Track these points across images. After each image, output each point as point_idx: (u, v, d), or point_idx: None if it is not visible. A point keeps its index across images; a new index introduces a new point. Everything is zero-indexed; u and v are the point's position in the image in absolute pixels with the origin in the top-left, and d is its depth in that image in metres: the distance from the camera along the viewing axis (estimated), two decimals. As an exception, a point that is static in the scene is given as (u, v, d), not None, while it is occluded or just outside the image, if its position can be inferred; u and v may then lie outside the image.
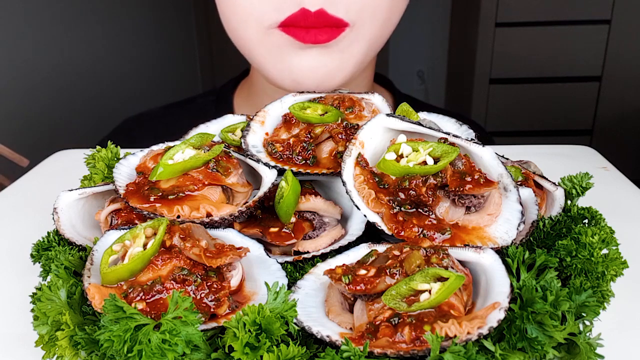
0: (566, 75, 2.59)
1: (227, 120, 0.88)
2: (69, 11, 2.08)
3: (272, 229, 0.69)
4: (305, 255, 0.68)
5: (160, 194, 0.67)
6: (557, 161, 1.03)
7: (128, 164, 0.75)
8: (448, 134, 0.69)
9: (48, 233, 0.71)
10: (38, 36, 1.92)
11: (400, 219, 0.65)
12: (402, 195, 0.65)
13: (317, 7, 0.99)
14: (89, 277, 0.58)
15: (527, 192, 0.71)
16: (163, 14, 2.82)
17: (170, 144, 0.76)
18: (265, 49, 1.08)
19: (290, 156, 0.74)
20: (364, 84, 1.25)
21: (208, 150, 0.72)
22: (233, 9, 1.07)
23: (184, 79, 3.08)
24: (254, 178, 0.75)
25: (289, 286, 0.61)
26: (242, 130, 0.79)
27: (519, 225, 0.64)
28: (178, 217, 0.65)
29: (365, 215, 0.66)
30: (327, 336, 0.53)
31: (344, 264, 0.60)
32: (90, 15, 2.22)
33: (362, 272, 0.57)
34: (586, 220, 0.70)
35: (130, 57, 2.52)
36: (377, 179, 0.67)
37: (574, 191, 0.76)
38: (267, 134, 0.79)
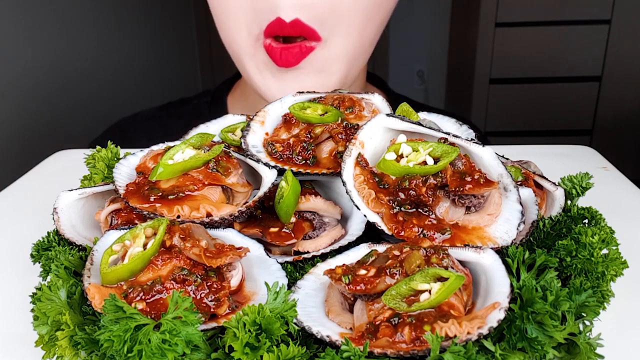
0: (566, 75, 2.59)
1: (227, 120, 0.88)
2: (68, 11, 2.08)
3: (272, 229, 0.69)
4: (305, 255, 0.68)
5: (160, 194, 0.67)
6: (557, 161, 1.03)
7: (128, 164, 0.74)
8: (448, 134, 0.69)
9: (48, 233, 0.71)
10: (37, 36, 1.92)
11: (400, 219, 0.65)
12: (402, 195, 0.65)
13: (291, 18, 1.01)
14: (89, 277, 0.58)
15: (527, 192, 0.71)
16: (163, 13, 2.82)
17: (170, 144, 0.76)
18: (253, 63, 1.11)
19: (290, 156, 0.74)
20: (357, 84, 1.25)
21: (208, 150, 0.72)
22: (226, 16, 1.09)
23: (184, 79, 3.08)
24: (254, 178, 0.75)
25: (289, 286, 0.61)
26: (242, 130, 0.79)
27: (519, 225, 0.64)
28: (178, 217, 0.65)
29: (365, 215, 0.66)
30: (327, 336, 0.53)
31: (344, 264, 0.60)
32: (90, 15, 2.22)
33: (362, 272, 0.57)
34: (586, 220, 0.70)
35: (131, 57, 2.52)
36: (377, 179, 0.67)
37: (574, 191, 0.76)
38: (267, 134, 0.79)
